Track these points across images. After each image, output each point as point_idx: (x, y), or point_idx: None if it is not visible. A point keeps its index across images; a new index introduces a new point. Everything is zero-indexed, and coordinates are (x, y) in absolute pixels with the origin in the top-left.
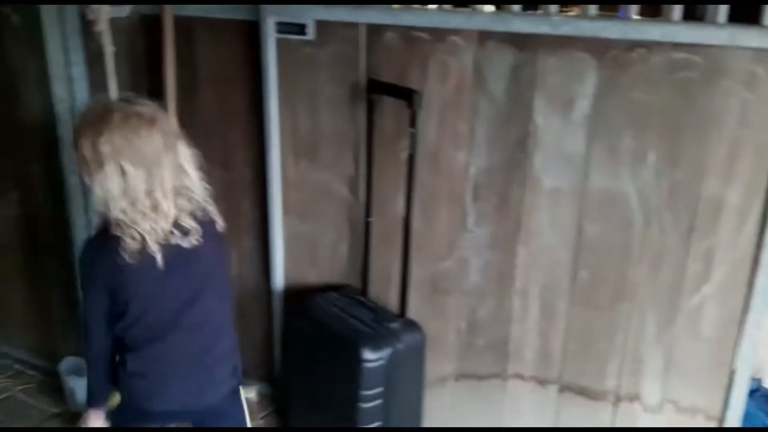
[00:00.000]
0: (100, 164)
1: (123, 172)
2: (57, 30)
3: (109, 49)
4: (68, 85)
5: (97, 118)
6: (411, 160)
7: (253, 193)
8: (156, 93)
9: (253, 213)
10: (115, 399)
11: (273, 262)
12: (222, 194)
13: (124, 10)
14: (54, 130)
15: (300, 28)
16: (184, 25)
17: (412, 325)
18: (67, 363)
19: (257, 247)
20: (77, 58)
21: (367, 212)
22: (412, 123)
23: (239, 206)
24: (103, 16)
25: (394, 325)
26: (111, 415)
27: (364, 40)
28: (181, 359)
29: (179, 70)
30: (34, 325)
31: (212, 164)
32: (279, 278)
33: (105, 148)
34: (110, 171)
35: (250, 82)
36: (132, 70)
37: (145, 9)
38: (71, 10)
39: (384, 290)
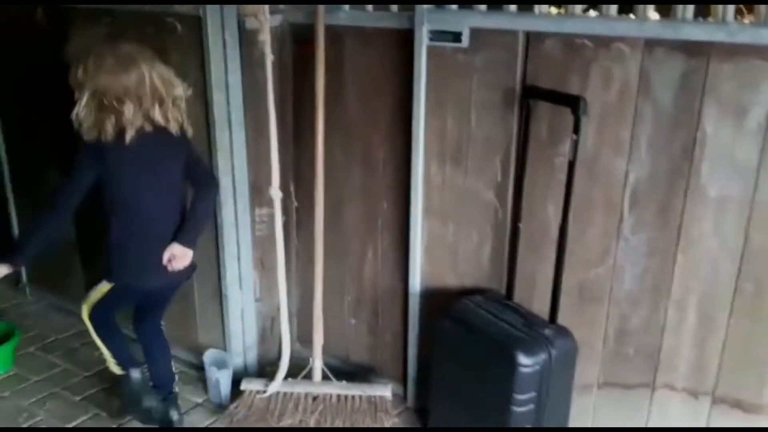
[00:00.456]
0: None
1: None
2: (218, 39)
3: (269, 58)
4: (225, 93)
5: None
6: (571, 166)
7: (393, 194)
8: (304, 97)
9: (392, 213)
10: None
11: (411, 263)
12: (361, 193)
13: (276, 19)
14: (210, 135)
15: (455, 36)
16: (334, 33)
17: (563, 332)
18: (210, 355)
19: (394, 248)
20: (234, 65)
21: (516, 217)
22: (575, 129)
23: (377, 206)
24: (266, 25)
25: (547, 331)
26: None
27: (521, 47)
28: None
29: (326, 76)
30: (177, 316)
31: (352, 164)
32: (417, 279)
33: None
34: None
35: (397, 87)
36: (281, 76)
37: (296, 18)
38: (232, 19)
39: (528, 295)
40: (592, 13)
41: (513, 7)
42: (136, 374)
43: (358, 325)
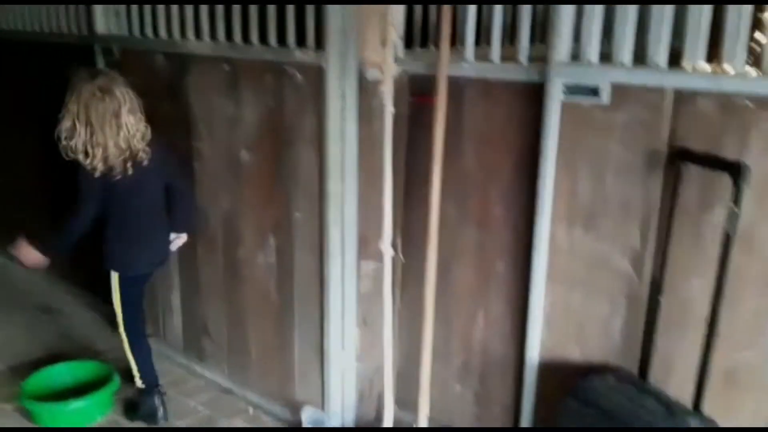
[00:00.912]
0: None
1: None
2: (337, 88)
3: (389, 110)
4: (341, 143)
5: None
6: (728, 239)
7: (511, 256)
8: (417, 149)
9: (509, 276)
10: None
11: (530, 331)
12: (474, 252)
13: (395, 70)
14: (323, 185)
15: (593, 91)
16: (454, 84)
17: (710, 423)
18: (308, 413)
19: (509, 313)
20: (351, 116)
21: (656, 289)
22: (735, 199)
23: (492, 267)
24: (389, 76)
25: (692, 422)
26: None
27: (669, 106)
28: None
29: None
30: (275, 369)
31: (466, 221)
32: (535, 350)
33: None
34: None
35: (521, 143)
36: (395, 127)
37: (415, 68)
38: (352, 69)
39: (664, 377)
40: (752, 71)
41: (661, 62)
42: (156, 397)
43: (464, 393)
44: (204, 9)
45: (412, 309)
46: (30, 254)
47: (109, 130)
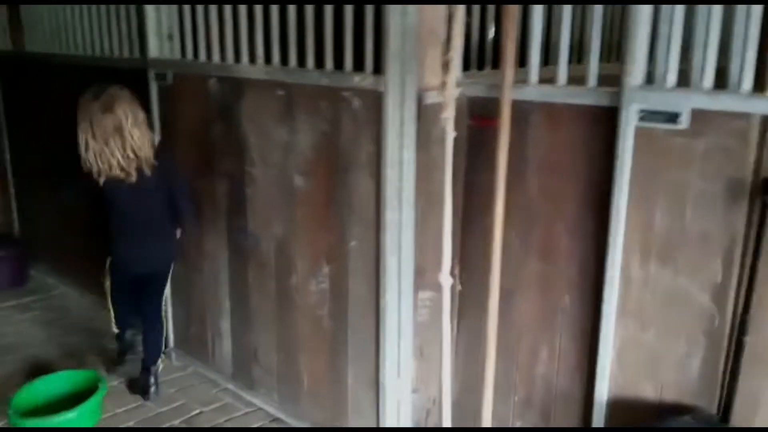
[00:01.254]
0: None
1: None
2: (396, 114)
3: (450, 135)
4: (399, 169)
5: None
6: None
7: (579, 289)
8: (477, 176)
9: (576, 310)
10: None
11: (600, 367)
12: (537, 284)
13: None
14: (379, 213)
15: (671, 117)
16: (517, 108)
17: None
18: None
19: (576, 348)
20: (409, 141)
21: (741, 327)
22: None
23: (557, 301)
24: (451, 100)
25: None
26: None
27: (755, 133)
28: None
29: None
30: (329, 400)
31: (529, 251)
32: (604, 386)
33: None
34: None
35: (589, 171)
36: (453, 152)
37: (476, 92)
38: (411, 93)
39: (747, 419)
40: None
41: (746, 87)
42: (127, 335)
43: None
44: (259, 32)
45: (469, 339)
46: None
47: (114, 143)
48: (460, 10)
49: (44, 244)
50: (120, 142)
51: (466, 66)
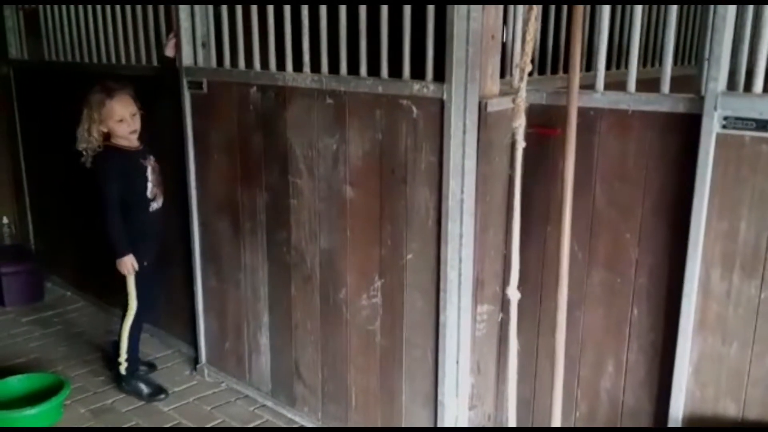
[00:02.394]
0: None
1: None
2: (460, 122)
3: (521, 144)
4: (461, 180)
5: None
6: None
7: (648, 301)
8: (536, 185)
9: (646, 322)
10: None
11: (675, 383)
12: (603, 297)
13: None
14: (440, 225)
15: (760, 125)
16: (582, 115)
17: None
18: None
19: (646, 362)
20: (471, 151)
21: None
22: None
23: (625, 313)
24: (521, 109)
25: None
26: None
27: None
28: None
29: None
30: (378, 417)
31: (594, 262)
32: (679, 403)
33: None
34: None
35: (662, 180)
36: (510, 161)
37: (534, 98)
38: (474, 101)
39: None
40: None
41: None
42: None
43: None
44: (305, 38)
45: (527, 353)
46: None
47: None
48: (535, 11)
49: (60, 256)
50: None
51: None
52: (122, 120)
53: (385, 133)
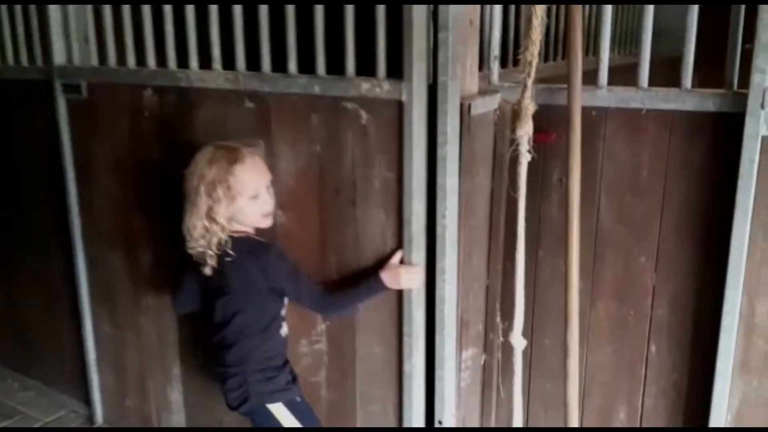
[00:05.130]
0: None
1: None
2: (423, 129)
3: (525, 157)
4: (444, 201)
5: None
6: None
7: (670, 336)
8: (533, 206)
9: (668, 361)
10: None
11: None
12: (612, 333)
13: (494, 101)
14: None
15: None
16: (585, 118)
17: None
18: None
19: (668, 407)
20: (453, 165)
21: None
22: None
23: (640, 350)
24: (528, 114)
25: None
26: None
27: None
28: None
29: None
30: None
31: (600, 291)
32: None
33: None
34: None
35: (684, 191)
36: (493, 174)
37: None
38: (453, 104)
39: None
40: None
41: None
42: None
43: None
44: (214, 29)
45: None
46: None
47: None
48: None
49: None
50: None
51: (503, 63)
52: (257, 196)
53: (324, 144)
